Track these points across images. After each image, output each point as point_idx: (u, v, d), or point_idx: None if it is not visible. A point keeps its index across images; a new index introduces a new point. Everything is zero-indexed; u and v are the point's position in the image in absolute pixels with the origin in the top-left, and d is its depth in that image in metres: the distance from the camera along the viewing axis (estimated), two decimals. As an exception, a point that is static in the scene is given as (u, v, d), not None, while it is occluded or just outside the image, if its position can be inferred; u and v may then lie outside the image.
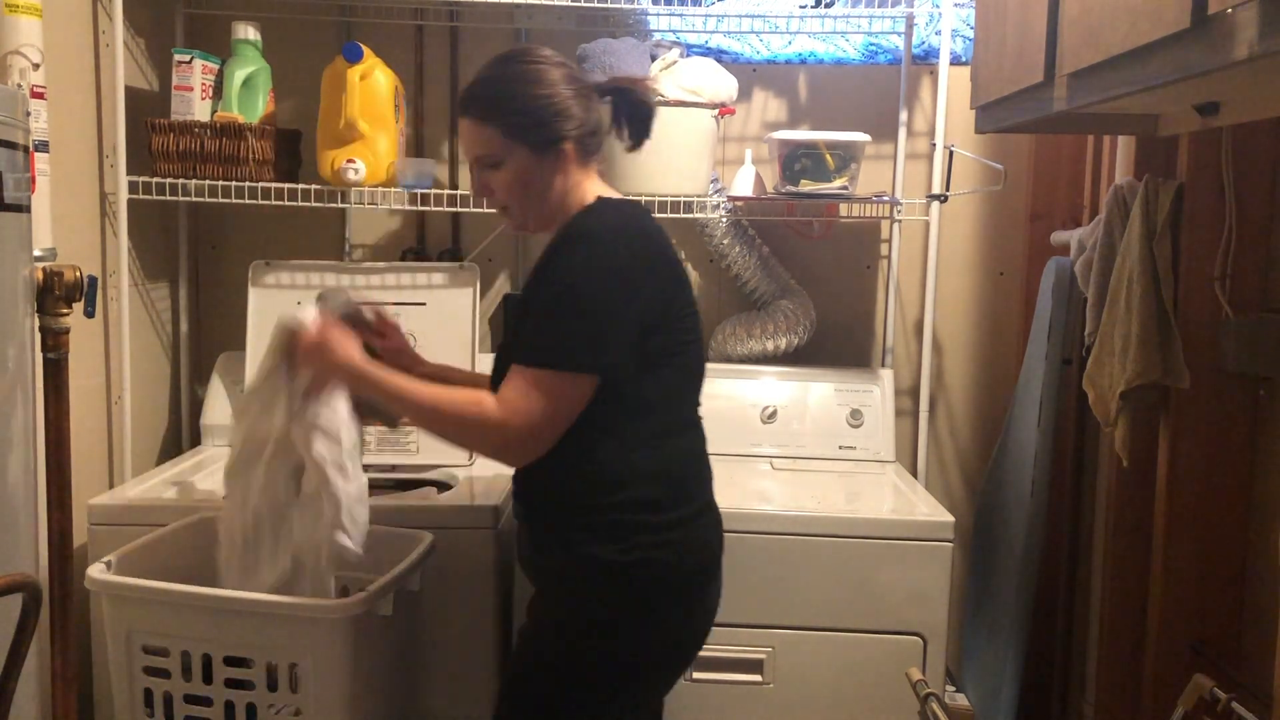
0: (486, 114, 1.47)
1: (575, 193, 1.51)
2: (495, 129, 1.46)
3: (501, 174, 1.48)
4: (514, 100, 1.46)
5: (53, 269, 1.51)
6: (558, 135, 1.46)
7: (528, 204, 1.51)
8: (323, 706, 1.50)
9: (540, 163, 1.47)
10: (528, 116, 1.46)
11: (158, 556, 1.70)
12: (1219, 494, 1.79)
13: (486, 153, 1.48)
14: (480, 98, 1.48)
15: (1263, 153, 1.74)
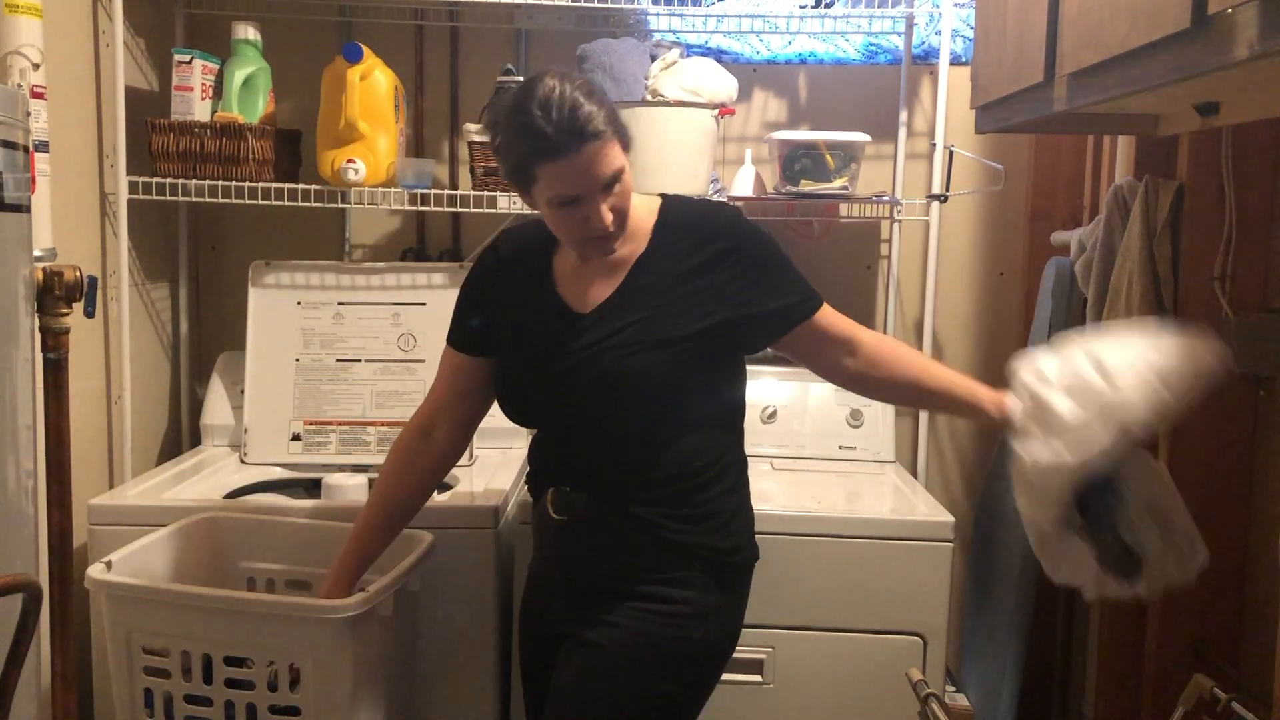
0: (611, 131, 1.40)
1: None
2: (618, 143, 1.42)
3: (622, 188, 1.43)
4: (615, 111, 1.43)
5: (53, 269, 1.51)
6: (630, 135, 1.46)
7: (626, 218, 1.48)
8: (323, 706, 1.50)
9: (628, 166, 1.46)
10: (620, 121, 1.43)
11: (158, 556, 1.70)
12: (1219, 494, 1.79)
13: (619, 168, 1.42)
14: (599, 117, 1.39)
15: (1263, 153, 1.74)
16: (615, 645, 1.47)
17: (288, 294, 2.29)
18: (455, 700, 1.88)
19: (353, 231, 2.53)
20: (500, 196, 2.20)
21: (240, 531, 1.81)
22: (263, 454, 2.23)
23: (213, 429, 2.35)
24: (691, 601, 1.48)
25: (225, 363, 2.39)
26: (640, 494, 1.48)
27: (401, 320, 2.29)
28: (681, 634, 1.47)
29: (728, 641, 1.55)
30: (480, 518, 1.88)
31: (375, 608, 1.51)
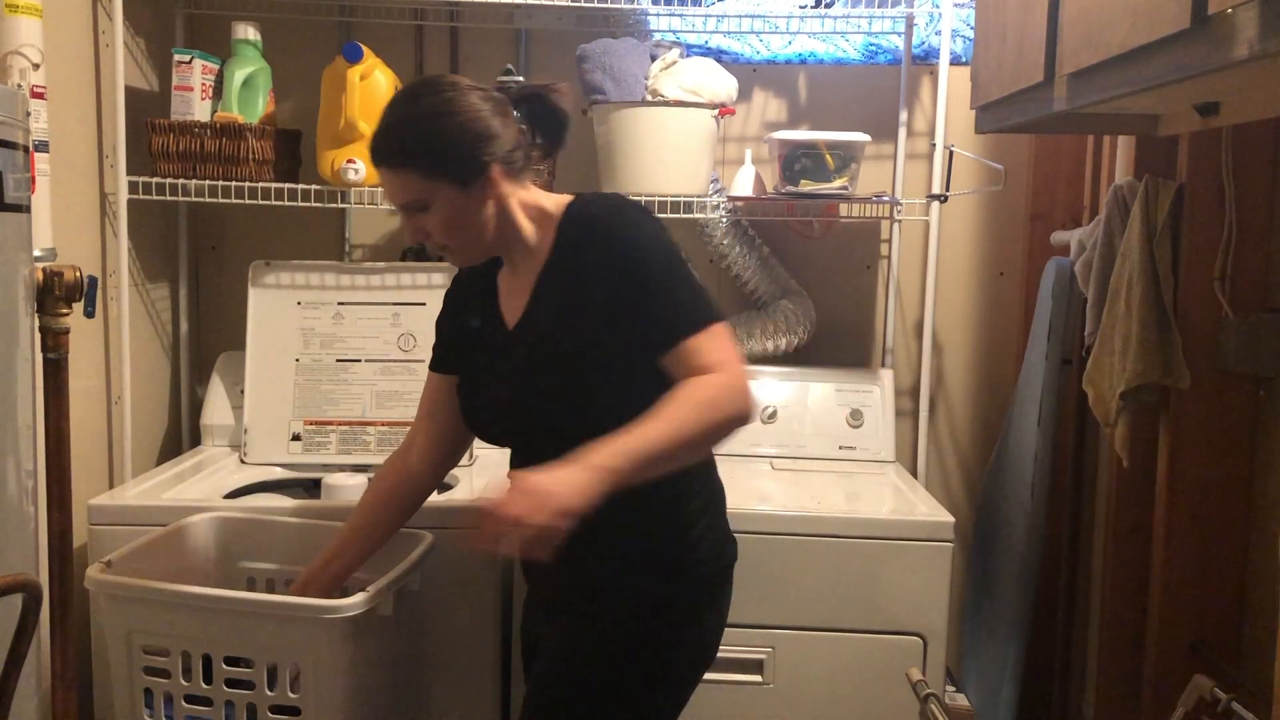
0: (401, 159, 1.40)
1: (518, 212, 1.46)
2: (412, 173, 1.40)
3: (433, 216, 1.42)
4: (426, 139, 1.39)
5: (53, 269, 1.51)
6: (481, 164, 1.40)
7: (467, 239, 1.45)
8: (323, 706, 1.50)
9: (468, 195, 1.41)
10: (445, 154, 1.39)
11: (158, 556, 1.70)
12: (1219, 494, 1.80)
13: (412, 199, 1.42)
14: (391, 143, 1.41)
15: (1263, 153, 1.74)
16: (563, 656, 1.48)
17: (288, 294, 2.29)
18: (455, 700, 1.88)
19: (353, 231, 2.53)
20: (500, 196, 2.20)
21: (240, 531, 1.81)
22: (263, 454, 2.23)
23: (213, 429, 2.35)
24: (641, 615, 1.44)
25: (225, 363, 2.39)
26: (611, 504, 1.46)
27: (401, 320, 2.29)
28: (633, 647, 1.45)
29: (692, 652, 1.50)
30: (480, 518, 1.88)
31: (375, 608, 1.51)
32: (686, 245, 2.51)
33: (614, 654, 1.46)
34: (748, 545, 1.87)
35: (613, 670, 1.46)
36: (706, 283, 2.51)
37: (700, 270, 2.53)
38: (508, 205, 1.45)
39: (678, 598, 1.46)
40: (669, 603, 1.46)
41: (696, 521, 1.48)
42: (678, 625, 1.47)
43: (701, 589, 1.49)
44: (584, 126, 2.36)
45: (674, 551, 1.46)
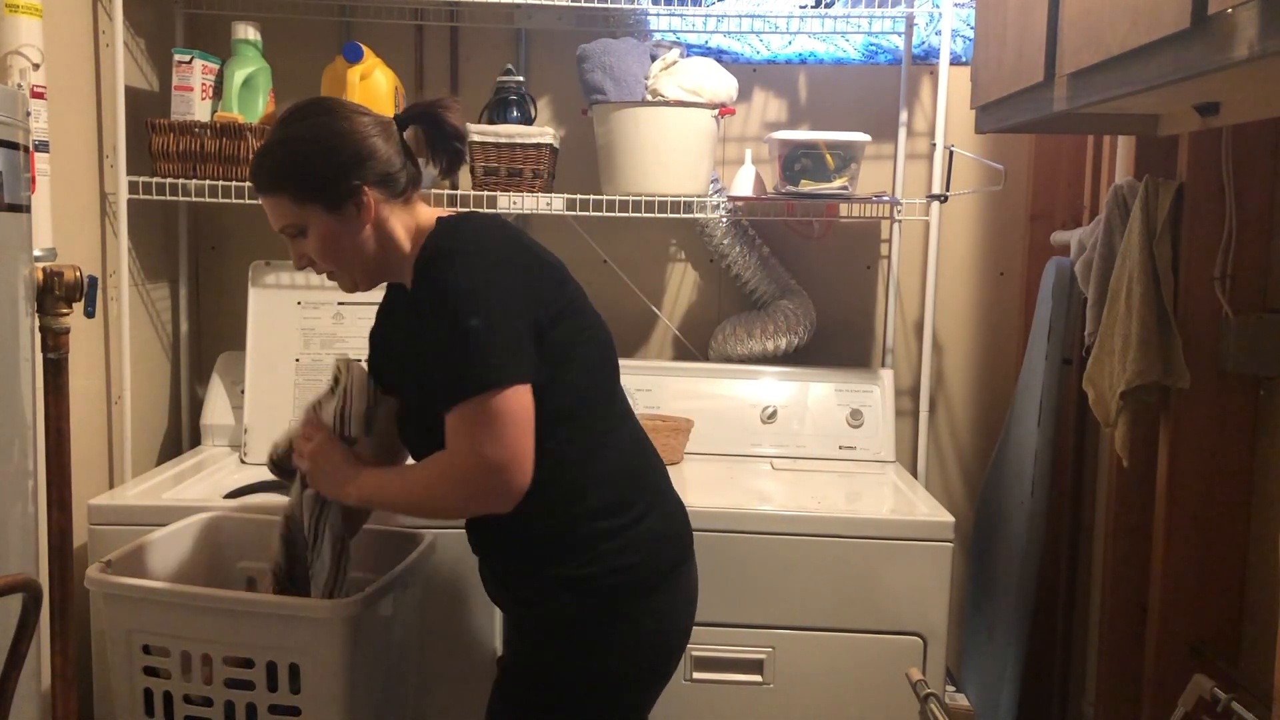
0: (272, 184, 1.40)
1: (399, 234, 1.43)
2: (284, 197, 1.39)
3: (309, 241, 1.41)
4: (295, 164, 1.38)
5: (53, 269, 1.51)
6: (351, 187, 1.38)
7: (348, 262, 1.43)
8: (323, 706, 1.50)
9: (341, 218, 1.39)
10: (313, 178, 1.38)
11: (158, 556, 1.70)
12: (1219, 494, 1.80)
13: (287, 223, 1.41)
14: (263, 169, 1.40)
15: (1263, 153, 1.74)
16: (504, 666, 1.54)
17: (288, 294, 2.29)
18: (455, 700, 1.88)
19: (353, 231, 2.53)
20: (500, 196, 2.20)
21: (240, 531, 1.81)
22: (263, 454, 2.21)
23: (213, 429, 2.35)
24: (560, 624, 1.41)
25: (225, 363, 2.39)
26: (484, 536, 1.50)
27: (401, 320, 2.29)
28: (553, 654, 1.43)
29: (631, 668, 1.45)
30: (480, 518, 1.88)
31: (375, 608, 1.51)
32: (687, 245, 2.51)
33: (543, 662, 1.45)
34: (748, 545, 1.88)
35: (543, 679, 1.45)
36: (707, 283, 2.52)
37: (700, 270, 2.53)
38: (387, 228, 1.42)
39: (593, 608, 1.41)
40: (585, 612, 1.41)
41: (598, 542, 1.40)
42: (603, 633, 1.42)
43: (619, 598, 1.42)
44: (584, 126, 2.36)
45: (577, 567, 1.40)
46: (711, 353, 2.48)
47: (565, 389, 1.38)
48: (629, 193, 2.21)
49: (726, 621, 1.88)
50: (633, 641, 1.43)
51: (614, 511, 1.42)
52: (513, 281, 1.35)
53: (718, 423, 2.35)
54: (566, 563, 1.40)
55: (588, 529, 1.40)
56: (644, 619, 1.44)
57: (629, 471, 1.47)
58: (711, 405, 2.36)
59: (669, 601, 1.47)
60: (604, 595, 1.40)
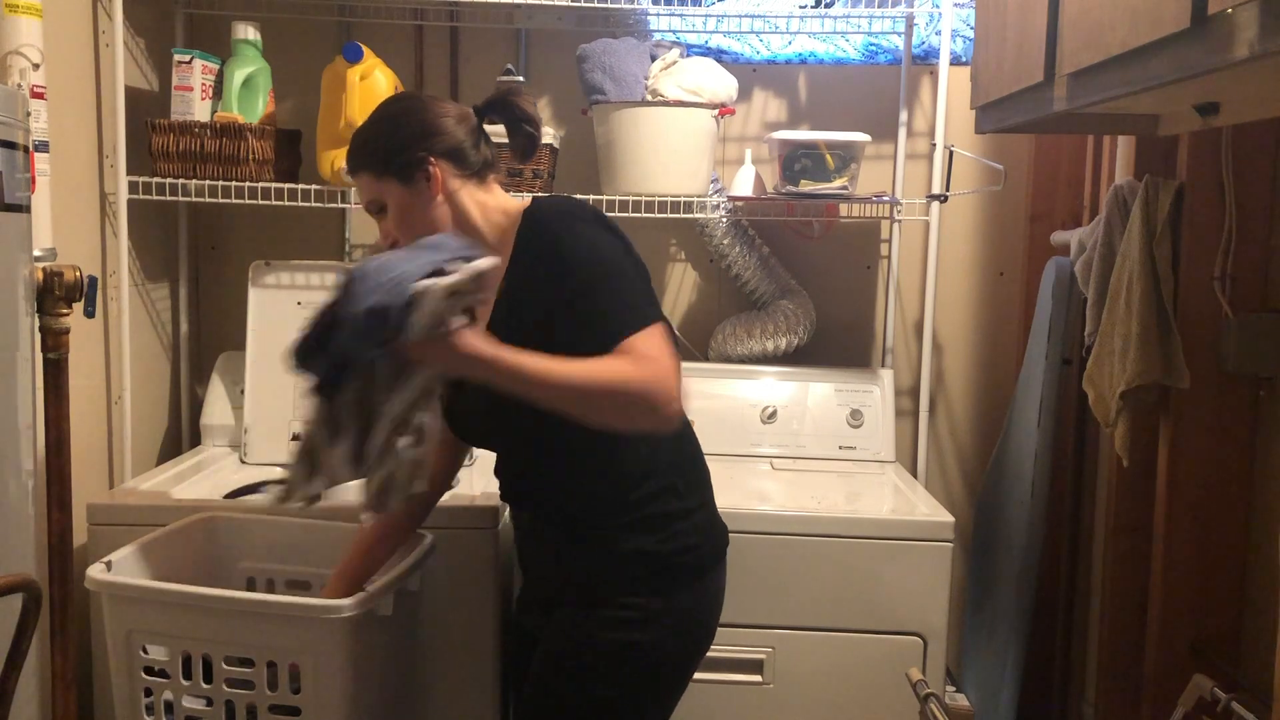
0: (358, 162, 1.48)
1: (471, 208, 1.47)
2: (367, 174, 1.47)
3: (389, 215, 1.47)
4: (373, 140, 1.47)
5: (53, 269, 1.51)
6: (418, 158, 1.44)
7: (421, 235, 1.43)
8: (323, 706, 1.50)
9: (413, 191, 1.45)
10: (387, 151, 1.45)
11: (158, 556, 1.70)
12: (1219, 494, 1.80)
13: (370, 200, 1.48)
14: (350, 151, 1.50)
15: (1263, 153, 1.74)
16: (559, 652, 1.49)
17: (288, 294, 2.29)
18: (455, 700, 1.88)
19: (353, 231, 2.53)
20: (500, 196, 2.20)
21: (240, 531, 1.81)
22: (263, 454, 2.23)
23: (213, 429, 2.35)
24: (633, 606, 1.45)
25: (225, 363, 2.39)
26: (573, 507, 1.50)
27: (401, 320, 2.29)
28: (627, 639, 1.45)
29: (685, 646, 1.51)
30: (480, 518, 1.88)
31: (375, 608, 1.51)
32: (687, 245, 2.51)
33: (602, 655, 1.46)
34: (748, 545, 1.88)
35: (598, 671, 1.46)
36: (707, 283, 2.52)
37: (700, 270, 2.53)
38: (460, 203, 1.47)
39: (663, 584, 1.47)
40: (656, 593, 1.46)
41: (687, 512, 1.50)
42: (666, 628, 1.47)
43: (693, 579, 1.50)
44: (584, 126, 2.36)
45: (665, 544, 1.46)
46: (711, 353, 2.48)
47: None
48: (629, 193, 2.21)
49: (726, 621, 1.86)
50: (690, 623, 1.50)
51: (678, 495, 1.49)
52: (629, 249, 1.42)
53: (718, 423, 2.35)
54: (643, 538, 1.46)
55: (658, 509, 1.47)
56: (699, 601, 1.51)
57: (689, 463, 1.54)
58: (711, 405, 2.36)
59: (714, 591, 1.55)
60: (675, 572, 1.47)
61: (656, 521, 1.47)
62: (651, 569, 1.46)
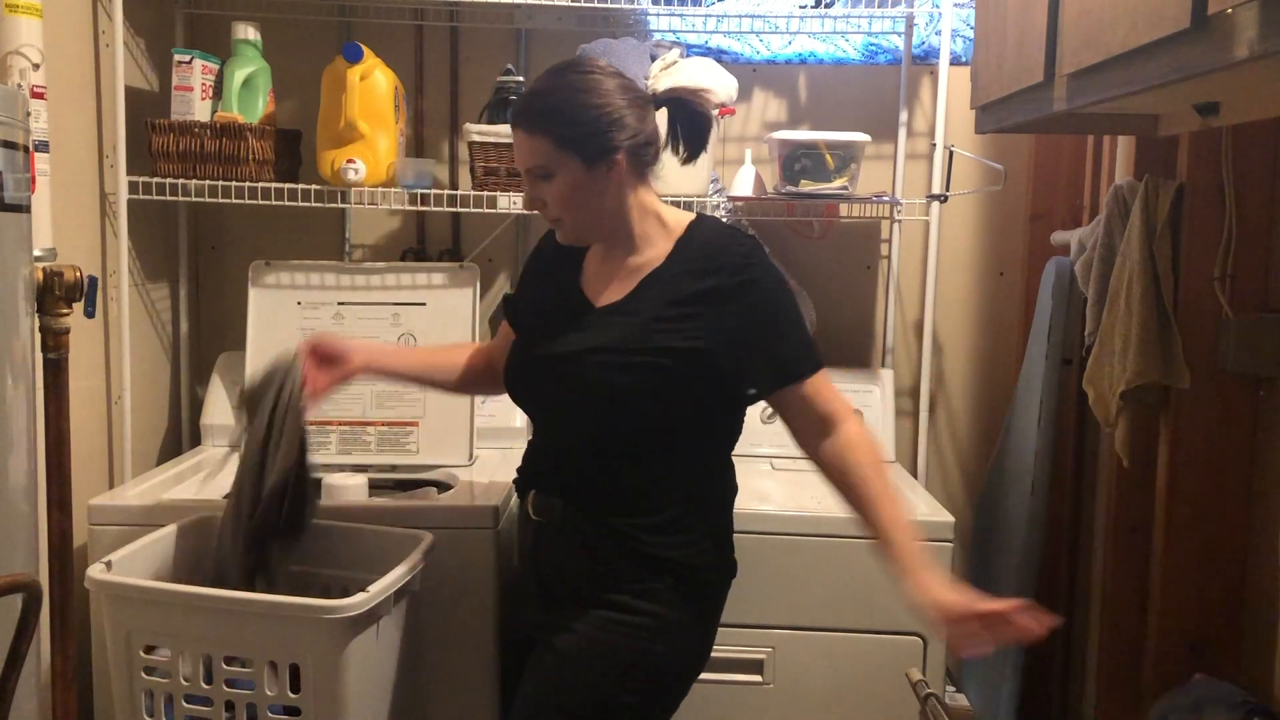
0: (537, 125, 1.44)
1: (633, 204, 1.49)
2: (547, 140, 1.43)
3: (554, 186, 1.45)
4: (565, 111, 1.43)
5: (53, 269, 1.51)
6: (610, 146, 1.43)
7: (581, 216, 1.48)
8: (323, 706, 1.50)
9: (592, 174, 1.44)
10: (579, 127, 1.42)
11: (158, 556, 1.70)
12: (1219, 494, 1.79)
13: (537, 164, 1.45)
14: (531, 109, 1.45)
15: (1263, 153, 1.74)
16: (577, 652, 1.48)
17: (288, 294, 2.29)
18: (455, 700, 1.88)
19: (353, 231, 2.53)
20: (500, 196, 2.20)
21: (240, 531, 1.81)
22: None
23: (213, 429, 2.35)
24: (658, 615, 1.47)
25: (225, 363, 2.38)
26: (615, 503, 1.49)
27: (401, 320, 2.29)
28: (646, 646, 1.47)
29: (692, 660, 1.54)
30: (480, 518, 1.88)
31: (375, 608, 1.51)
32: (686, 245, 2.51)
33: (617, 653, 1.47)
34: (748, 545, 1.86)
35: (609, 670, 1.47)
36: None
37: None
38: (624, 196, 1.48)
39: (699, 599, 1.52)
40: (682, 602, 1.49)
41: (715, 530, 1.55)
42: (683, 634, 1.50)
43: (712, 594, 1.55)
44: (584, 126, 2.36)
45: (696, 558, 1.49)
46: (711, 353, 2.47)
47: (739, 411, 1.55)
48: (629, 193, 2.20)
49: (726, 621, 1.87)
50: (704, 636, 1.54)
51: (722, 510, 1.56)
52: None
53: (718, 423, 2.34)
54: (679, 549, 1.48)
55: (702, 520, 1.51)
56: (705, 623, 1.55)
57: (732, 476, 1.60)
58: (711, 405, 2.36)
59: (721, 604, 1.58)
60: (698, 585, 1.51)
61: (693, 533, 1.49)
62: (680, 580, 1.48)
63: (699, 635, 1.54)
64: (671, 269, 1.48)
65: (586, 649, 1.48)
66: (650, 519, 1.47)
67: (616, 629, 1.46)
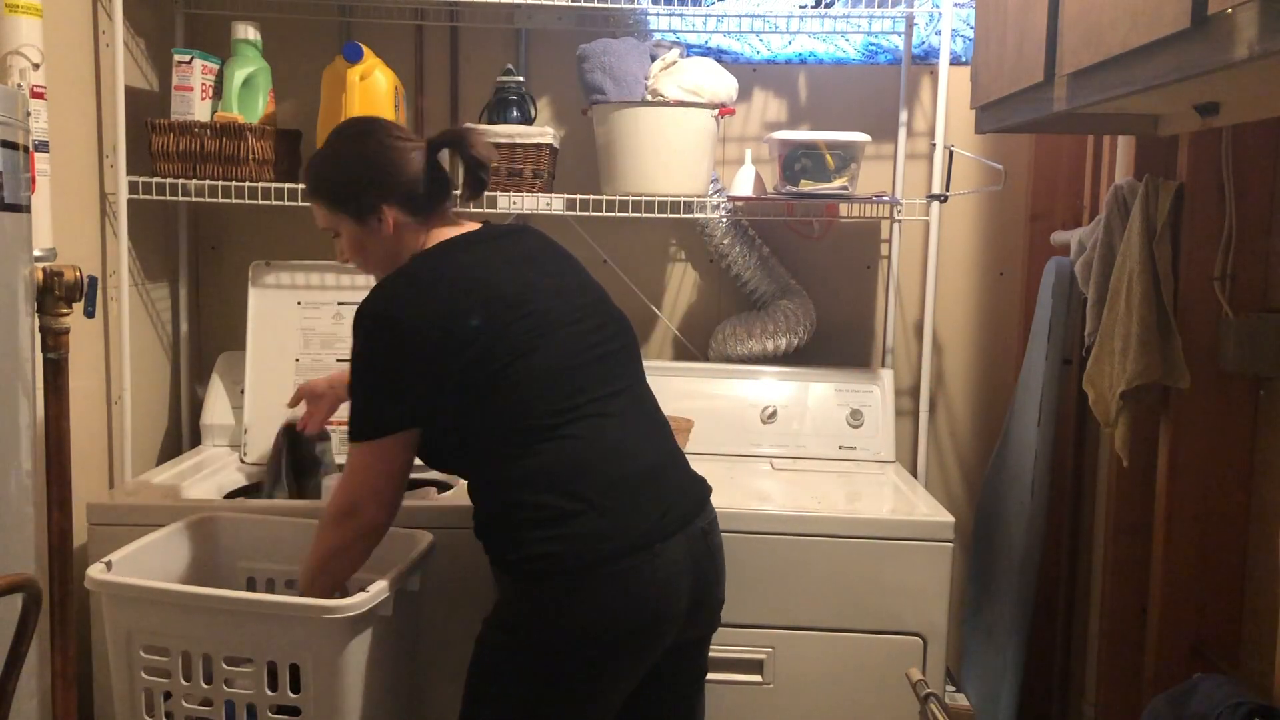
0: (311, 192, 1.63)
1: (413, 248, 1.62)
2: (321, 204, 1.62)
3: (343, 241, 1.64)
4: (329, 177, 1.61)
5: (53, 269, 1.51)
6: (371, 202, 1.58)
7: (371, 264, 1.65)
8: (323, 706, 1.50)
9: (365, 228, 1.60)
10: (341, 189, 1.60)
11: (158, 556, 1.70)
12: (1219, 494, 1.79)
13: (325, 226, 1.64)
14: (308, 177, 1.64)
15: (1263, 153, 1.74)
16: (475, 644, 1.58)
17: (288, 294, 2.29)
18: (455, 700, 1.88)
19: (353, 231, 2.53)
20: (500, 196, 2.20)
21: (240, 531, 1.81)
22: (263, 454, 2.22)
23: (213, 429, 2.35)
24: (499, 605, 1.55)
25: (225, 363, 2.39)
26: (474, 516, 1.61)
27: (401, 320, 2.29)
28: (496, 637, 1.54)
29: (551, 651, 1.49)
30: (480, 518, 1.88)
31: (375, 608, 1.51)
32: (687, 245, 2.51)
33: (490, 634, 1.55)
34: (748, 545, 1.88)
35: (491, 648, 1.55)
36: (707, 283, 2.52)
37: (700, 270, 2.53)
38: (404, 240, 1.61)
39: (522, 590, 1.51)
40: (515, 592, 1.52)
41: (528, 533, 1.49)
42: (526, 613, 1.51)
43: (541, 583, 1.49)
44: (584, 126, 2.36)
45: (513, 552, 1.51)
46: (711, 353, 2.47)
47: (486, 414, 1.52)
48: (629, 193, 2.21)
49: (726, 621, 1.87)
50: (561, 627, 1.49)
51: (539, 508, 1.50)
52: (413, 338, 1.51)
53: (718, 423, 2.35)
54: (503, 547, 1.54)
55: (515, 519, 1.51)
56: (572, 606, 1.48)
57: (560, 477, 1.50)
58: (711, 405, 2.36)
59: (605, 592, 1.48)
60: (529, 579, 1.50)
61: (512, 532, 1.51)
62: (513, 576, 1.52)
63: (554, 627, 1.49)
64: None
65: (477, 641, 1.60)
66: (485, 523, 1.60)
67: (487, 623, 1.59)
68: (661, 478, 1.58)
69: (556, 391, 1.53)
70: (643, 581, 1.49)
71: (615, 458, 1.54)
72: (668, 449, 1.63)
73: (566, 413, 1.52)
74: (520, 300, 1.54)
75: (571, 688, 1.51)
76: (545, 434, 1.51)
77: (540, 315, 1.55)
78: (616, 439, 1.55)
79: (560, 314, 1.57)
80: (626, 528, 1.50)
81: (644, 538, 1.50)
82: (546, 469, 1.51)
